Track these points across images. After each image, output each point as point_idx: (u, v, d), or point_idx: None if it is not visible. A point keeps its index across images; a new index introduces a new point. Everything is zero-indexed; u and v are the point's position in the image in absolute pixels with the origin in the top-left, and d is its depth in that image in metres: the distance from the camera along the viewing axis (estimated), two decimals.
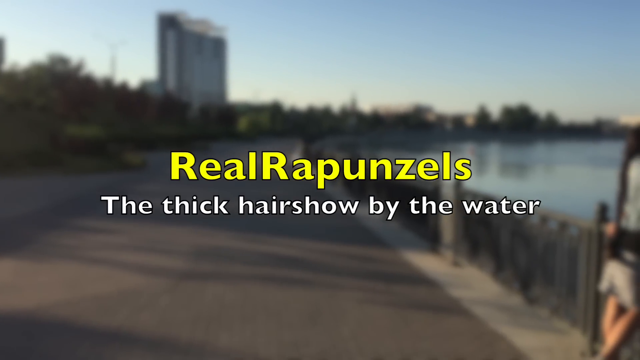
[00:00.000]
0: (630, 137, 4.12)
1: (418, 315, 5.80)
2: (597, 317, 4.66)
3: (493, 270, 6.75)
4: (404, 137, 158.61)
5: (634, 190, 3.97)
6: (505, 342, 5.12)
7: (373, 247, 9.20)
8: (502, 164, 67.27)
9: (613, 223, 4.19)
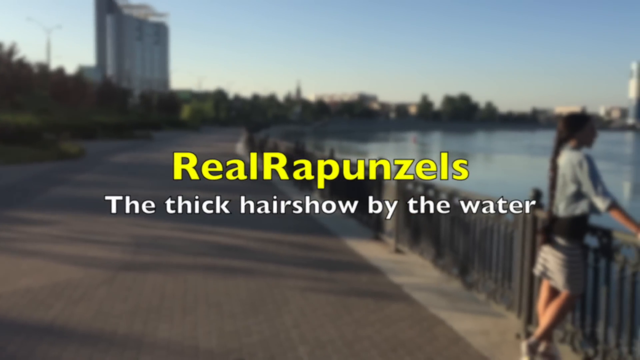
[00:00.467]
0: (560, 126, 4.23)
1: (360, 302, 5.84)
2: (531, 300, 4.81)
3: (433, 257, 6.87)
4: (349, 126, 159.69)
5: (562, 178, 4.10)
6: (444, 326, 5.22)
7: (317, 235, 9.20)
8: (443, 152, 68.65)
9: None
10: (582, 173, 3.94)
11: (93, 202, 12.40)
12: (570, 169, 4.01)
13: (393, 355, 4.50)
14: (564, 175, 4.08)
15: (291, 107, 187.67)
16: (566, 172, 4.05)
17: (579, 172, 3.95)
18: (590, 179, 3.90)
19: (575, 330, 4.34)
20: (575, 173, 3.98)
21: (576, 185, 4.00)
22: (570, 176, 4.02)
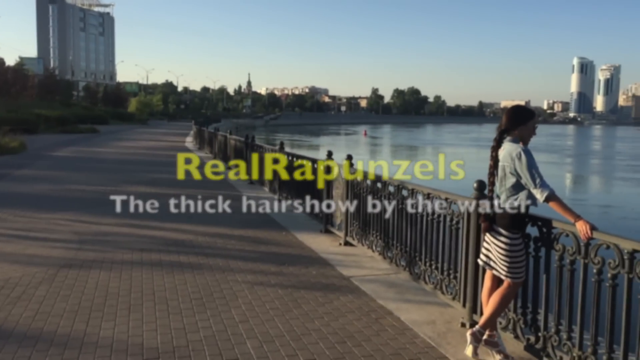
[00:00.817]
0: (504, 117, 4.30)
1: (309, 295, 5.83)
2: (476, 289, 4.89)
3: (382, 249, 6.92)
4: (300, 119, 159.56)
5: (502, 170, 4.18)
6: (392, 317, 5.26)
7: (266, 229, 9.14)
8: (394, 145, 69.51)
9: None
10: (520, 165, 4.02)
11: (34, 198, 11.98)
12: (510, 161, 4.09)
13: (341, 348, 4.51)
14: (503, 167, 4.15)
15: (242, 100, 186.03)
16: (506, 164, 4.13)
17: (518, 165, 4.03)
18: (529, 171, 3.99)
19: (518, 318, 4.44)
20: (514, 165, 4.06)
21: (515, 177, 4.08)
22: (509, 168, 4.10)
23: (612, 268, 3.51)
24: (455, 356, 4.38)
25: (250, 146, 15.21)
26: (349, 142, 73.98)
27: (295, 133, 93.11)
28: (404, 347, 4.55)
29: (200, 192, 13.45)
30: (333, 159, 8.84)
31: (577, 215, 3.77)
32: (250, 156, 15.12)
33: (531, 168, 3.99)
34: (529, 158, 4.02)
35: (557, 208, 3.88)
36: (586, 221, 3.70)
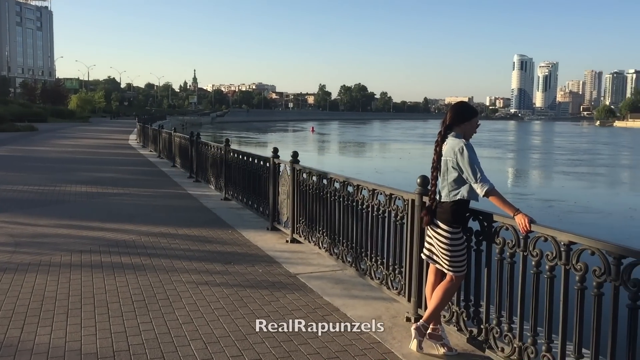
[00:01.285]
0: (449, 113, 4.35)
1: (256, 294, 5.76)
2: (420, 284, 4.94)
3: (329, 245, 6.91)
4: (248, 116, 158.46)
5: (445, 164, 4.23)
6: (338, 313, 5.26)
7: (212, 227, 8.99)
8: (342, 142, 69.88)
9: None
10: (462, 160, 4.08)
11: None
12: (452, 156, 4.14)
13: (287, 346, 4.46)
14: (446, 161, 4.20)
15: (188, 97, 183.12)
16: (448, 159, 4.18)
17: (460, 159, 4.09)
18: (470, 165, 4.05)
19: (461, 311, 4.51)
20: (456, 160, 4.11)
21: (457, 171, 4.13)
22: (452, 162, 4.15)
23: (549, 260, 3.59)
24: (401, 351, 4.41)
25: (195, 144, 14.96)
26: (297, 139, 73.96)
27: (242, 130, 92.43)
28: (350, 344, 4.55)
29: (144, 191, 13.23)
30: (279, 156, 8.78)
31: (516, 209, 3.85)
32: (196, 154, 14.87)
33: (472, 163, 4.05)
34: (470, 153, 4.08)
35: (496, 202, 3.95)
36: (525, 215, 3.78)
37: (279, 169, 8.69)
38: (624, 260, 3.12)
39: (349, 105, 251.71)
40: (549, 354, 3.64)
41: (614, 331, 3.18)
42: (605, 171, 36.43)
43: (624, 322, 3.12)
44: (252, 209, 9.98)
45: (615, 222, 17.52)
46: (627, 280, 3.08)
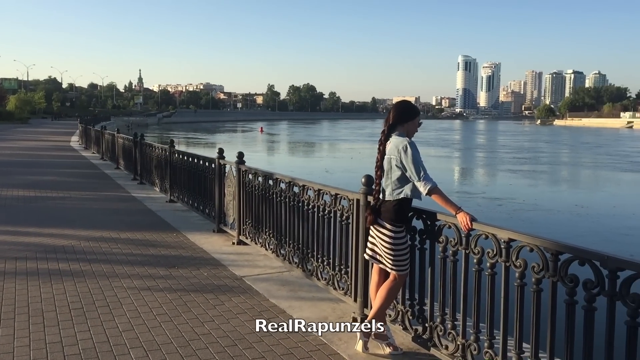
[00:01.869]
0: (393, 112, 4.34)
1: (200, 298, 5.63)
2: (366, 284, 4.92)
3: (275, 246, 6.83)
4: (195, 116, 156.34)
5: (388, 163, 4.22)
6: (284, 315, 5.19)
7: (156, 231, 8.76)
8: (291, 142, 69.81)
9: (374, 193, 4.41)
10: (406, 158, 4.08)
11: None
12: (396, 154, 4.13)
13: (232, 351, 4.37)
14: (390, 159, 4.19)
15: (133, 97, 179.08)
16: (392, 157, 4.17)
17: (404, 157, 4.09)
18: (414, 164, 4.05)
19: (406, 310, 4.52)
20: (400, 158, 4.11)
21: (401, 170, 4.13)
22: (395, 161, 4.14)
23: (490, 257, 3.63)
24: (347, 352, 4.38)
25: (139, 145, 14.59)
26: (246, 139, 73.47)
27: (190, 131, 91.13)
28: (295, 347, 4.49)
29: (86, 194, 12.81)
30: (225, 156, 8.64)
31: (458, 207, 3.87)
32: (140, 155, 14.51)
33: (416, 161, 4.05)
34: (414, 151, 4.08)
35: (439, 201, 3.97)
36: (466, 213, 3.81)
37: (224, 170, 8.55)
38: (561, 257, 3.18)
39: (298, 105, 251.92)
40: (491, 350, 3.68)
41: (553, 326, 3.23)
42: (549, 169, 37.47)
43: (562, 317, 3.17)
44: (198, 211, 9.80)
45: (564, 218, 17.95)
46: (564, 276, 3.13)
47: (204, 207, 9.51)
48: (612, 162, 41.17)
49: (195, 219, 9.66)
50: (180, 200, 10.91)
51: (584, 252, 3.03)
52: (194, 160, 10.07)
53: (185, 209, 10.51)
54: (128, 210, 10.67)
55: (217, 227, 8.71)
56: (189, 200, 10.33)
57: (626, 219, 18.03)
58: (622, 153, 51.55)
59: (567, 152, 56.40)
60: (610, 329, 2.88)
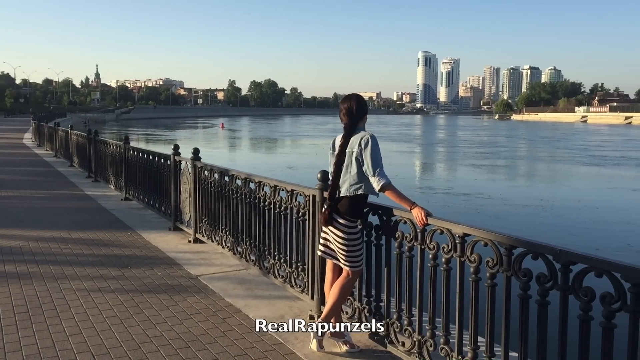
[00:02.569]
0: (354, 105, 4.18)
1: (153, 299, 5.46)
2: (323, 281, 4.84)
3: (232, 244, 6.70)
4: (155, 112, 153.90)
5: (348, 157, 4.09)
6: (240, 315, 5.07)
7: (109, 230, 8.51)
8: (253, 138, 69.36)
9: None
10: (365, 152, 3.98)
11: None
12: (357, 148, 4.02)
13: (184, 354, 4.23)
14: (351, 153, 4.07)
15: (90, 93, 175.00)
16: (353, 151, 4.06)
17: (364, 151, 3.98)
18: (372, 158, 3.96)
19: (362, 307, 4.45)
20: (360, 151, 4.01)
21: (358, 165, 4.04)
22: (356, 154, 4.04)
23: (445, 253, 3.59)
24: (303, 351, 4.29)
25: (93, 142, 14.19)
26: (207, 136, 72.65)
27: (150, 127, 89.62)
28: (251, 347, 4.38)
29: (37, 193, 12.39)
30: (180, 153, 8.44)
31: (413, 202, 3.81)
32: (94, 152, 14.12)
33: (375, 156, 3.96)
34: (375, 146, 3.99)
35: (393, 197, 3.90)
36: (421, 208, 3.75)
37: (180, 167, 8.35)
38: (515, 251, 3.15)
39: (259, 101, 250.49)
40: (447, 346, 3.65)
41: (507, 320, 3.21)
42: (512, 163, 37.74)
43: (516, 311, 3.15)
44: (154, 209, 9.57)
45: (530, 213, 17.92)
46: (518, 271, 3.11)
47: (160, 205, 9.29)
48: (572, 156, 41.83)
49: (151, 217, 9.43)
50: (136, 198, 10.64)
51: (536, 245, 3.01)
52: (149, 157, 9.83)
53: (141, 206, 10.26)
54: (81, 209, 10.35)
55: (173, 225, 8.51)
56: (145, 198, 10.08)
57: (590, 212, 18.24)
58: (581, 147, 52.59)
59: (528, 147, 57.06)
60: (563, 323, 2.86)
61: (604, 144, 58.42)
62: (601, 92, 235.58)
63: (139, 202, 10.43)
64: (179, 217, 8.45)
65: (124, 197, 11.20)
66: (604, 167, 33.97)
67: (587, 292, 2.73)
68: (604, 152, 45.16)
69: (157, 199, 9.41)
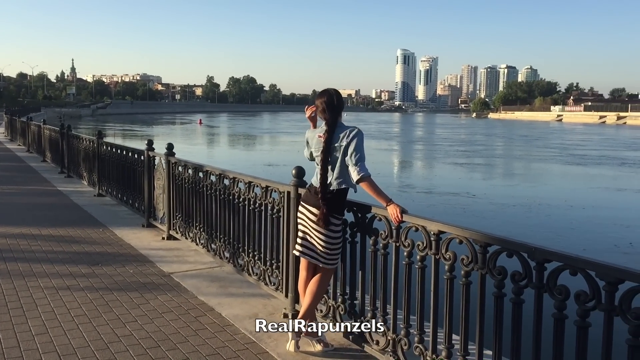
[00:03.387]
0: (335, 99, 4.09)
1: (124, 297, 5.34)
2: (297, 279, 4.77)
3: (206, 241, 6.59)
4: (132, 108, 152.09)
5: (333, 152, 4.02)
6: (213, 313, 4.98)
7: (81, 226, 8.32)
8: (231, 134, 68.94)
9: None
10: (352, 144, 3.90)
11: None
12: (345, 141, 3.93)
13: (154, 353, 4.12)
14: (337, 148, 3.98)
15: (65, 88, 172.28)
16: (339, 145, 3.97)
17: (351, 143, 3.90)
18: (356, 150, 3.87)
19: (337, 305, 4.39)
20: (347, 144, 3.92)
21: (343, 159, 3.96)
22: (342, 150, 3.95)
23: (420, 250, 3.53)
24: (276, 350, 4.21)
25: (66, 136, 13.91)
26: (185, 132, 72.01)
27: (127, 123, 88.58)
28: (223, 346, 4.29)
29: (7, 189, 12.11)
30: (154, 148, 8.29)
31: (389, 199, 3.75)
32: (67, 147, 13.84)
33: (360, 148, 3.89)
34: (361, 139, 3.92)
35: (370, 190, 3.82)
36: (397, 205, 3.69)
37: (154, 162, 8.20)
38: (490, 249, 3.11)
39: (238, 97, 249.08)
40: (421, 344, 3.60)
41: (482, 318, 3.17)
42: (495, 162, 37.51)
43: (491, 310, 3.11)
44: (128, 205, 9.40)
45: (517, 212, 17.77)
46: (492, 269, 3.07)
47: (134, 201, 9.13)
48: (553, 155, 41.46)
49: (124, 214, 9.27)
50: (109, 194, 10.46)
51: (511, 243, 2.97)
52: (123, 152, 9.65)
53: (114, 203, 10.08)
54: (52, 205, 10.13)
55: (147, 222, 8.36)
56: (118, 193, 9.90)
57: (578, 212, 18.06)
58: (560, 146, 52.58)
59: (507, 145, 56.50)
60: (537, 322, 2.83)
61: (582, 143, 58.79)
62: (576, 92, 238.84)
63: (113, 199, 10.25)
64: (153, 214, 8.30)
65: (97, 193, 10.99)
66: (586, 166, 33.90)
67: (561, 291, 2.69)
68: (583, 151, 45.26)
69: (131, 195, 9.24)
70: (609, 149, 50.11)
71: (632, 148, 51.43)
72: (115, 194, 10.06)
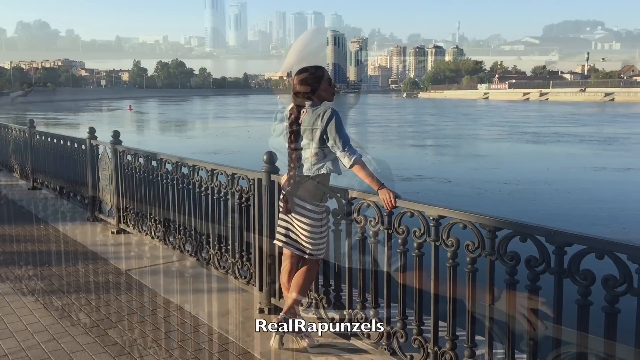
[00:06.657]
0: (298, 84, 3.78)
1: (81, 299, 4.90)
2: (272, 270, 4.49)
3: (163, 234, 6.18)
4: (56, 95, 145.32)
5: (306, 137, 3.73)
6: (183, 312, 4.63)
7: (19, 223, 7.67)
8: (162, 120, 67.00)
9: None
10: (330, 127, 3.61)
11: None
12: (319, 124, 3.64)
13: None
14: (310, 131, 3.71)
15: None
16: (313, 128, 3.68)
17: (328, 127, 3.61)
18: (338, 133, 3.60)
19: (320, 297, 4.15)
20: (324, 127, 3.63)
21: (322, 142, 3.67)
22: (316, 133, 3.67)
23: (417, 237, 3.33)
24: (258, 349, 3.93)
25: None
26: (115, 119, 69.29)
27: (50, 111, 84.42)
28: (200, 349, 3.96)
29: None
30: (97, 136, 7.73)
31: (381, 183, 3.51)
32: None
33: (341, 130, 3.60)
34: (339, 119, 3.63)
35: (362, 175, 3.57)
36: (389, 189, 3.46)
37: (97, 152, 7.65)
38: (499, 233, 2.93)
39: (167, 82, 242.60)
40: (420, 337, 3.41)
41: (491, 309, 3.00)
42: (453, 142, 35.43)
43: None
44: (69, 198, 8.77)
45: (500, 199, 16.49)
46: (503, 254, 2.89)
47: (75, 194, 8.51)
48: (508, 134, 39.95)
49: (65, 208, 8.65)
50: (46, 187, 9.75)
51: (526, 227, 2.80)
52: (60, 141, 8.97)
53: (53, 196, 9.40)
54: None
55: (92, 215, 7.81)
56: (57, 186, 9.23)
57: (563, 195, 17.05)
58: (508, 123, 51.08)
59: (456, 125, 53.24)
60: (558, 310, 2.68)
61: (525, 120, 57.60)
62: (501, 70, 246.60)
63: (50, 192, 9.56)
64: (99, 207, 7.76)
65: (31, 187, 10.24)
66: (545, 144, 32.43)
67: (586, 276, 2.54)
68: (533, 129, 43.85)
69: (72, 188, 8.61)
70: (557, 125, 48.87)
71: (578, 124, 50.58)
72: (53, 186, 9.38)
